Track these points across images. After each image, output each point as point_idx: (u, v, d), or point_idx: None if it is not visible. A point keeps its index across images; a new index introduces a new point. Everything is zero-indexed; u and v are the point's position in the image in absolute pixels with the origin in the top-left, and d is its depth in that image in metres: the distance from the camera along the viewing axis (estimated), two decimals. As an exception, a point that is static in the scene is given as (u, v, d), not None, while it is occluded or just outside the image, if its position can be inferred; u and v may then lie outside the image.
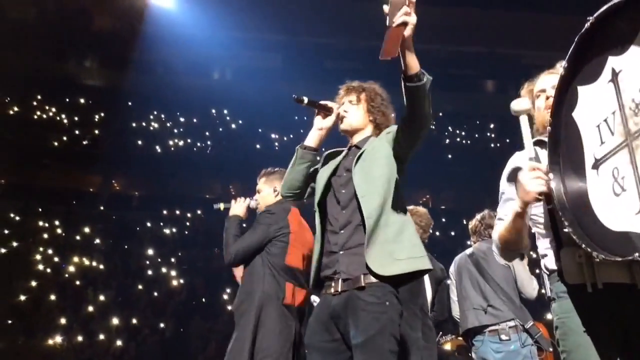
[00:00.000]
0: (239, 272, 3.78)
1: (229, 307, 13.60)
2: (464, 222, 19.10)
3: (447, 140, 19.17)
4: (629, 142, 1.60)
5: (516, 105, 1.94)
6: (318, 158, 2.80)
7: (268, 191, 3.75)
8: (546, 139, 1.89)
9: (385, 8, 2.13)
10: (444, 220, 17.91)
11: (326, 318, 2.50)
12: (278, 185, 3.60)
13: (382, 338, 2.33)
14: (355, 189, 2.50)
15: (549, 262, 1.97)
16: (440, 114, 19.47)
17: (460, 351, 5.06)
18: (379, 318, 2.35)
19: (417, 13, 2.10)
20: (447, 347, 4.96)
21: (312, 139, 2.74)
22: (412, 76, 2.25)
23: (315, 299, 2.75)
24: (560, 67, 1.84)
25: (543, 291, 2.01)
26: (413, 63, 2.24)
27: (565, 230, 1.72)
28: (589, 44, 1.74)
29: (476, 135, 19.16)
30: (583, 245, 1.68)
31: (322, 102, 2.71)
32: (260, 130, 18.29)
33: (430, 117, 2.39)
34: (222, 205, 3.90)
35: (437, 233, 17.59)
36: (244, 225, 3.78)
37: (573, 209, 1.74)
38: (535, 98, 2.18)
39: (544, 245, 1.98)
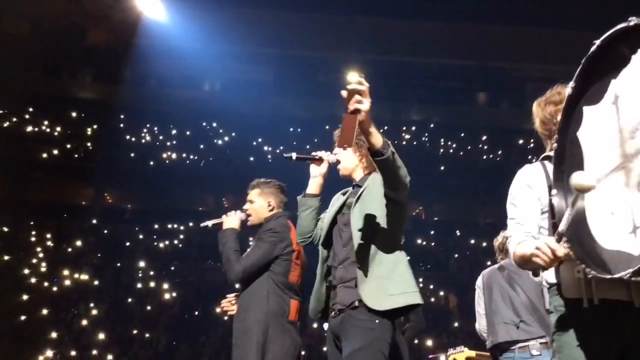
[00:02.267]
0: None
1: (225, 319, 13.54)
2: (457, 233, 19.23)
3: (440, 152, 19.24)
4: (625, 164, 1.67)
5: (578, 180, 1.62)
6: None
7: (261, 204, 3.68)
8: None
9: (344, 93, 2.27)
10: (435, 231, 17.95)
11: (333, 338, 2.73)
12: (272, 199, 3.64)
13: (369, 353, 2.46)
14: (351, 230, 2.69)
15: (549, 275, 1.99)
16: (433, 126, 19.59)
17: None
18: (367, 333, 2.50)
19: (409, 27, 2.17)
20: (460, 359, 4.91)
21: (311, 186, 2.90)
22: (376, 152, 2.41)
23: (326, 325, 2.85)
24: (569, 87, 1.90)
25: (547, 306, 2.03)
26: (374, 141, 2.39)
27: (564, 246, 1.75)
28: (595, 66, 1.80)
29: (468, 148, 19.25)
30: (578, 262, 1.73)
31: (311, 155, 2.87)
32: (253, 143, 18.31)
33: (405, 183, 2.55)
34: (209, 223, 3.79)
35: (431, 244, 17.63)
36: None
37: (573, 226, 1.77)
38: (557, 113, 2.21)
39: None
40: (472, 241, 17.04)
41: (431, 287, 15.46)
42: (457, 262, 16.86)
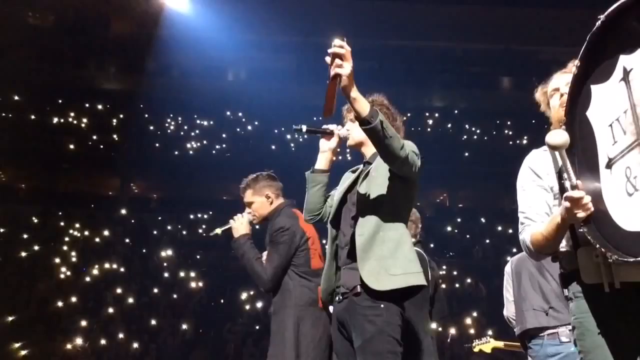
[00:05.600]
0: None
1: (247, 308, 13.65)
2: (482, 220, 19.02)
3: (464, 138, 19.04)
4: None
5: (552, 139, 1.71)
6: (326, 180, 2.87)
7: (260, 200, 3.61)
8: None
9: (327, 59, 2.18)
10: (460, 219, 17.80)
11: (337, 325, 2.66)
12: (268, 191, 3.60)
13: (380, 340, 2.41)
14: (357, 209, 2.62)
15: (567, 261, 1.94)
16: (457, 112, 19.37)
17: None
18: (374, 321, 2.44)
19: (430, 11, 2.12)
20: (487, 349, 4.85)
21: (320, 161, 2.82)
22: (363, 120, 2.27)
23: (332, 308, 2.82)
24: (573, 65, 1.82)
25: (566, 292, 1.98)
26: (359, 108, 2.25)
27: (580, 230, 1.70)
28: (601, 43, 1.72)
29: (493, 133, 19.02)
30: (597, 245, 1.67)
31: (322, 128, 2.79)
32: (275, 131, 18.32)
33: (401, 156, 2.37)
34: (219, 230, 3.71)
35: (456, 231, 17.50)
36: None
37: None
38: (549, 98, 2.17)
39: (562, 244, 1.96)
40: (498, 228, 16.87)
41: (455, 273, 15.37)
42: (482, 249, 16.71)
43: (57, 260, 14.30)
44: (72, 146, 17.86)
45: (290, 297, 3.34)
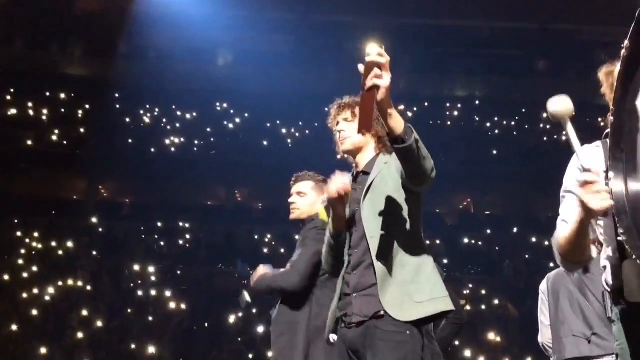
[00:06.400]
0: None
1: (237, 333, 13.63)
2: (513, 230, 19.04)
3: (491, 133, 19.03)
4: None
5: (553, 106, 1.81)
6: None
7: (314, 199, 3.75)
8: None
9: (361, 67, 2.27)
10: (487, 228, 17.78)
11: (345, 354, 2.69)
12: (322, 196, 3.67)
13: None
14: (364, 229, 2.66)
15: (610, 276, 1.93)
16: (483, 102, 19.36)
17: None
18: (398, 348, 2.51)
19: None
20: None
21: (338, 221, 2.79)
22: (396, 138, 2.35)
23: (334, 337, 2.84)
24: (623, 48, 1.81)
25: (609, 313, 1.97)
26: (394, 125, 2.33)
27: (619, 238, 1.69)
28: None
29: (526, 127, 19.00)
30: (633, 257, 1.65)
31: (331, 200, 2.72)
32: (268, 125, 18.33)
33: (429, 174, 2.50)
34: (247, 296, 3.98)
35: (482, 243, 17.49)
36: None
37: (633, 215, 1.70)
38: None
39: (605, 256, 1.95)
40: (533, 239, 16.85)
41: (483, 292, 15.34)
42: (513, 264, 16.69)
43: (11, 276, 14.30)
44: (30, 142, 17.87)
45: (305, 312, 3.37)
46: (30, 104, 18.15)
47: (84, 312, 13.63)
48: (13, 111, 18.04)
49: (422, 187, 2.59)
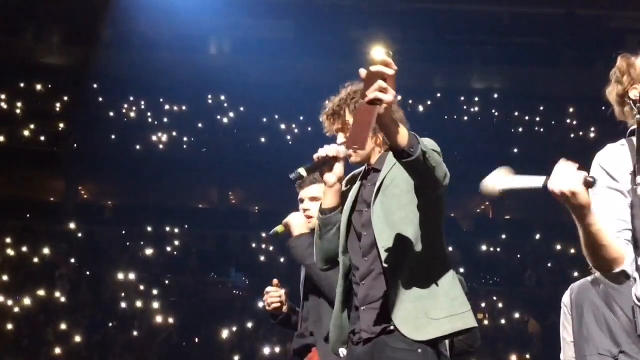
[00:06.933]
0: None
1: (229, 349, 13.64)
2: (536, 236, 19.04)
3: (513, 129, 19.04)
4: None
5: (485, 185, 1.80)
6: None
7: None
8: None
9: (362, 73, 2.17)
10: (507, 234, 17.77)
11: None
12: None
13: None
14: (374, 234, 2.59)
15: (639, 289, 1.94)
16: (501, 95, 19.35)
17: None
18: None
19: None
20: None
21: (328, 198, 2.79)
22: (401, 152, 2.27)
23: (343, 352, 2.81)
24: None
25: (639, 331, 1.98)
26: (397, 139, 2.26)
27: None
28: None
29: (552, 122, 19.01)
30: None
31: (318, 158, 2.71)
32: (265, 119, 18.33)
33: (441, 182, 2.44)
34: (279, 229, 3.61)
35: (501, 250, 17.49)
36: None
37: None
38: (629, 85, 2.16)
39: (635, 267, 1.95)
40: (557, 247, 16.85)
41: (500, 306, 15.34)
42: (535, 274, 16.70)
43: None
44: (2, 138, 17.88)
45: (328, 313, 3.36)
46: (2, 96, 18.17)
47: (62, 326, 13.65)
48: (-16, 104, 18.08)
49: (435, 193, 2.53)
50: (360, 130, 2.17)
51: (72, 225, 17.28)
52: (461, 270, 14.84)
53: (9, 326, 13.41)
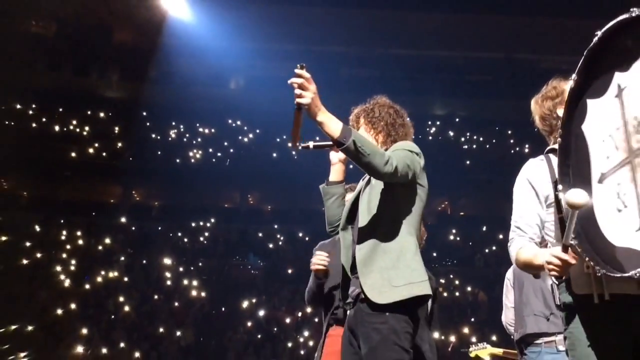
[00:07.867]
0: None
1: (249, 316, 13.61)
2: (483, 229, 18.97)
3: (466, 147, 19.05)
4: (631, 159, 1.63)
5: (572, 197, 1.62)
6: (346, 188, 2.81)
7: None
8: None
9: (294, 83, 2.20)
10: (462, 227, 17.78)
11: (348, 334, 2.56)
12: None
13: (384, 348, 2.32)
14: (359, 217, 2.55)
15: None
16: (458, 120, 19.38)
17: None
18: (379, 329, 2.34)
19: (431, 20, 2.13)
20: (483, 355, 4.75)
21: (333, 174, 2.77)
22: (336, 142, 2.24)
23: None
24: (571, 79, 1.85)
25: (556, 302, 1.99)
26: (329, 131, 2.23)
27: (571, 242, 1.71)
28: (598, 58, 1.75)
29: (494, 141, 19.02)
30: (587, 259, 1.70)
31: (329, 141, 2.62)
32: (277, 140, 18.35)
33: (381, 169, 2.27)
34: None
35: (457, 239, 17.48)
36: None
37: (581, 222, 1.74)
38: (554, 108, 2.18)
39: None
40: (500, 236, 16.85)
41: (457, 282, 15.33)
42: (483, 257, 16.68)
43: (58, 268, 14.30)
44: (73, 154, 17.89)
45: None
46: (74, 122, 18.18)
47: (120, 299, 13.63)
48: (59, 128, 18.07)
49: (386, 180, 2.38)
50: (293, 131, 2.22)
51: (127, 221, 17.28)
52: (434, 254, 14.91)
53: (78, 300, 13.38)
